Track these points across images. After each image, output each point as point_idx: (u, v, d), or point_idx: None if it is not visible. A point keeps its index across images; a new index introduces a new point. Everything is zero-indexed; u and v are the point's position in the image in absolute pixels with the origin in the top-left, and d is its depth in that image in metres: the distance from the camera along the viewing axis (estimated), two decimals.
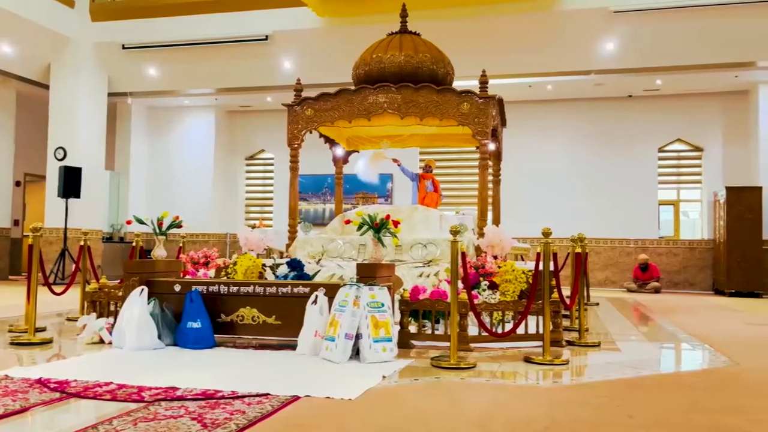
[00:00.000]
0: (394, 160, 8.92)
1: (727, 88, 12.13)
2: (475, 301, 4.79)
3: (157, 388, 3.18)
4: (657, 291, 11.67)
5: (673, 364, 5.00)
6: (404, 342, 4.58)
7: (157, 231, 5.03)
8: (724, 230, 11.34)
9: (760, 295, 11.04)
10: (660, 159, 12.89)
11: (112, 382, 3.32)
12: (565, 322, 5.89)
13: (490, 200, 7.99)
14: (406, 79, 6.93)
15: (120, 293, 4.95)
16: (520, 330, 4.70)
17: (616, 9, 10.13)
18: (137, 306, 4.46)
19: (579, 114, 13.09)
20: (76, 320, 5.40)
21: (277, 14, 11.51)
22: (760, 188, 11.23)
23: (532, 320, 4.83)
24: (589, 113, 13.04)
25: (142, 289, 4.56)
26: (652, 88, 12.24)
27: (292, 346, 4.37)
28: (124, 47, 12.46)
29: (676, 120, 12.67)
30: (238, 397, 3.03)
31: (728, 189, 11.35)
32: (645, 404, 3.18)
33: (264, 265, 6.16)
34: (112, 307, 5.15)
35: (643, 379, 3.83)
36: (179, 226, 5.14)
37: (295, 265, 5.20)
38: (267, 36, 11.65)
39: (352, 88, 7.09)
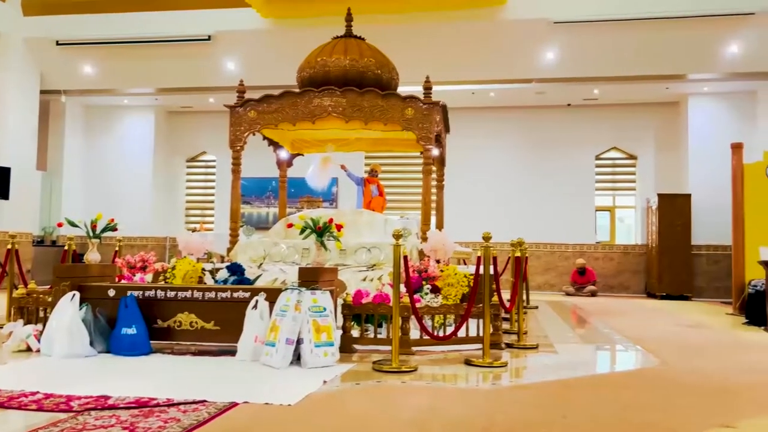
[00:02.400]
0: (342, 166, 8.91)
1: (659, 99, 12.66)
2: (418, 305, 4.81)
3: (87, 397, 3.06)
4: (594, 294, 12.04)
5: (607, 365, 5.16)
6: (346, 346, 4.56)
7: (91, 234, 4.85)
8: (656, 236, 11.81)
9: (689, 297, 11.53)
10: (597, 166, 13.32)
11: (38, 392, 3.17)
12: (506, 325, 5.99)
13: (433, 205, 8.07)
14: (350, 83, 6.93)
15: (49, 299, 4.75)
16: (462, 333, 4.76)
17: (556, 20, 10.42)
18: (68, 312, 4.28)
19: (520, 121, 13.40)
20: (2, 327, 5.15)
21: (221, 14, 11.32)
22: (689, 196, 11.75)
23: (473, 323, 4.89)
24: (530, 121, 13.36)
25: (74, 294, 4.39)
26: (590, 98, 12.64)
27: (232, 352, 4.29)
28: (58, 43, 12.00)
29: (612, 129, 13.13)
30: (173, 405, 2.95)
31: (660, 196, 11.82)
32: (579, 404, 3.26)
33: (204, 269, 6.02)
34: (41, 314, 4.93)
35: (578, 380, 3.93)
36: (114, 229, 4.96)
37: (236, 269, 5.10)
38: (210, 36, 11.45)
39: (297, 90, 7.04)
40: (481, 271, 4.52)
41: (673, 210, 11.65)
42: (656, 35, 10.45)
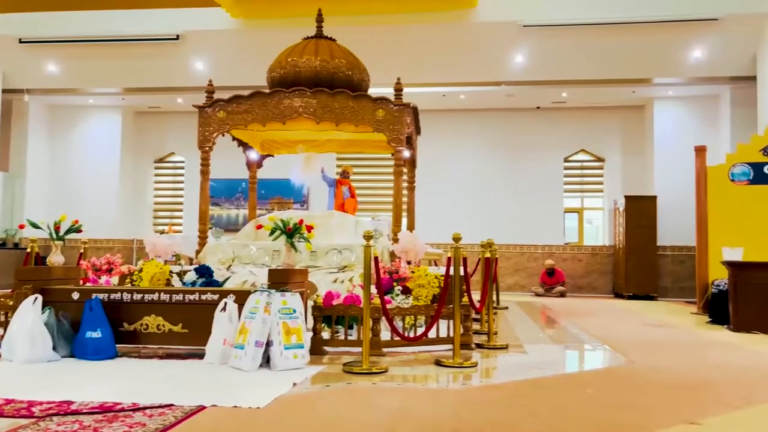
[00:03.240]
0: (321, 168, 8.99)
1: (625, 102, 12.89)
2: (389, 306, 4.80)
3: (49, 403, 2.98)
4: (562, 295, 12.19)
5: (576, 364, 5.21)
6: (317, 348, 4.53)
7: (54, 236, 4.73)
8: (623, 237, 12.01)
9: (655, 297, 11.76)
10: (565, 168, 13.50)
11: None
12: (476, 326, 6.03)
13: (405, 206, 8.08)
14: (321, 84, 6.91)
15: (11, 302, 4.61)
16: (432, 334, 4.77)
17: (525, 23, 10.53)
18: (30, 315, 4.16)
19: (490, 124, 13.51)
20: None
21: (189, 13, 11.18)
22: (654, 197, 11.98)
23: (444, 324, 4.90)
24: (500, 123, 13.48)
25: (36, 298, 4.27)
26: (558, 101, 12.81)
27: (200, 355, 4.23)
28: (21, 41, 11.72)
29: (580, 131, 13.32)
30: (138, 409, 2.89)
31: (627, 198, 12.03)
32: (548, 403, 3.29)
33: (171, 271, 5.93)
34: (2, 318, 4.79)
35: (547, 380, 3.96)
36: (78, 230, 4.85)
37: (204, 271, 5.03)
38: (178, 36, 11.30)
39: (267, 91, 6.99)
40: (452, 272, 4.53)
41: (640, 211, 11.86)
42: (623, 40, 10.64)
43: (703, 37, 10.52)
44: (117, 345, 4.36)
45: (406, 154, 7.79)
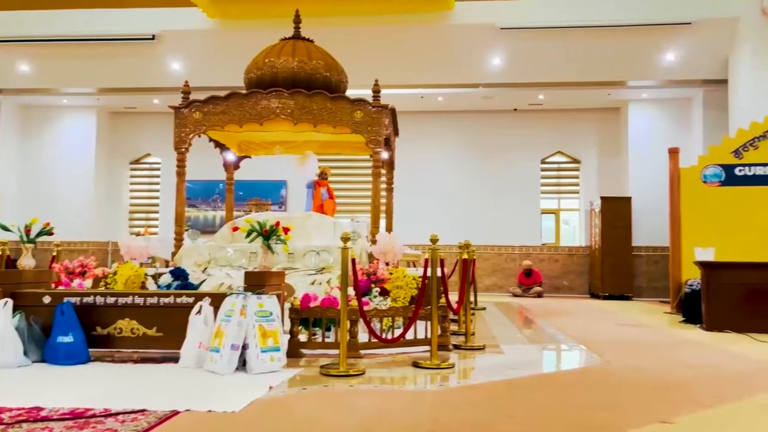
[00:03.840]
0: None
1: (601, 104, 13.05)
2: (366, 308, 4.80)
3: (18, 409, 2.92)
4: (540, 295, 12.28)
5: (553, 364, 5.26)
6: (294, 351, 4.51)
7: (25, 239, 4.64)
8: (599, 238, 12.14)
9: (630, 297, 11.91)
10: (542, 170, 13.62)
11: None
12: (454, 327, 6.04)
13: (383, 208, 8.08)
14: (299, 85, 6.88)
15: None
16: (410, 335, 4.77)
17: (502, 26, 10.61)
18: (0, 319, 4.08)
19: (468, 125, 13.58)
20: None
21: (165, 13, 11.07)
22: (629, 198, 12.14)
23: (421, 325, 4.91)
24: (477, 125, 13.55)
25: (6, 302, 4.18)
26: (535, 103, 12.92)
27: (175, 359, 4.17)
28: None
29: (556, 133, 13.45)
30: (110, 415, 2.84)
31: (602, 199, 12.17)
32: (524, 403, 3.31)
33: (146, 274, 5.85)
34: None
35: (524, 380, 3.99)
36: (50, 233, 4.77)
37: (179, 273, 4.97)
38: (154, 36, 11.17)
39: (244, 92, 6.94)
40: (429, 273, 4.54)
41: (615, 212, 12.00)
42: (598, 43, 10.77)
43: (676, 41, 10.69)
44: (90, 349, 4.28)
45: (385, 155, 7.79)
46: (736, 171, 8.74)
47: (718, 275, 6.83)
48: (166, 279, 4.98)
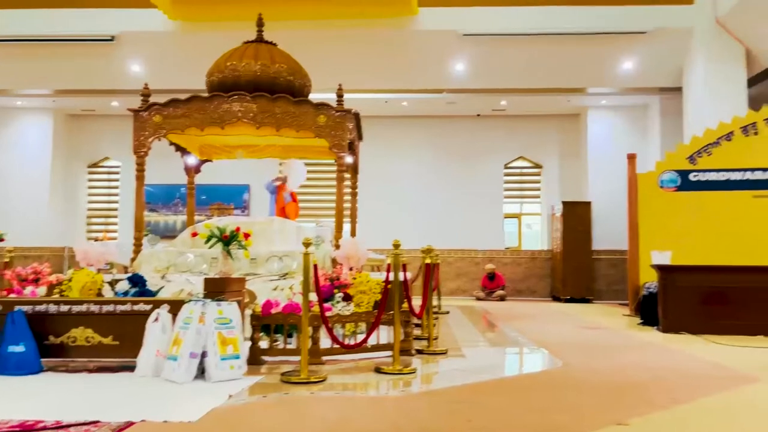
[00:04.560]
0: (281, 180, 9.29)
1: (562, 110, 13.28)
2: (329, 314, 4.77)
3: None
4: (503, 299, 12.41)
5: (514, 368, 5.31)
6: (255, 358, 4.46)
7: None
8: (561, 241, 12.34)
9: (590, 300, 12.12)
10: (505, 175, 13.78)
11: None
12: (417, 331, 6.06)
13: (347, 212, 8.06)
14: (261, 88, 6.81)
15: None
16: (373, 340, 4.76)
17: (465, 32, 10.70)
18: None
19: (432, 130, 13.66)
20: None
21: (125, 14, 10.84)
22: (589, 203, 12.37)
23: (385, 330, 4.90)
24: (441, 130, 13.65)
25: None
26: (498, 109, 13.08)
27: (132, 368, 4.08)
28: None
29: (519, 138, 13.63)
30: (62, 428, 2.76)
31: (563, 203, 12.37)
32: (485, 408, 3.33)
33: (103, 281, 5.71)
34: None
35: (486, 384, 4.02)
36: (0, 239, 4.61)
37: (137, 280, 4.87)
38: (113, 37, 10.93)
39: (205, 95, 6.85)
40: (392, 278, 4.54)
41: (575, 217, 12.22)
42: (558, 50, 10.95)
43: (634, 50, 10.94)
44: (43, 359, 4.16)
45: (349, 160, 7.77)
46: (691, 176, 8.99)
47: (673, 278, 7.00)
48: (123, 286, 4.87)
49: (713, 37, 10.21)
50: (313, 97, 7.23)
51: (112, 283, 5.35)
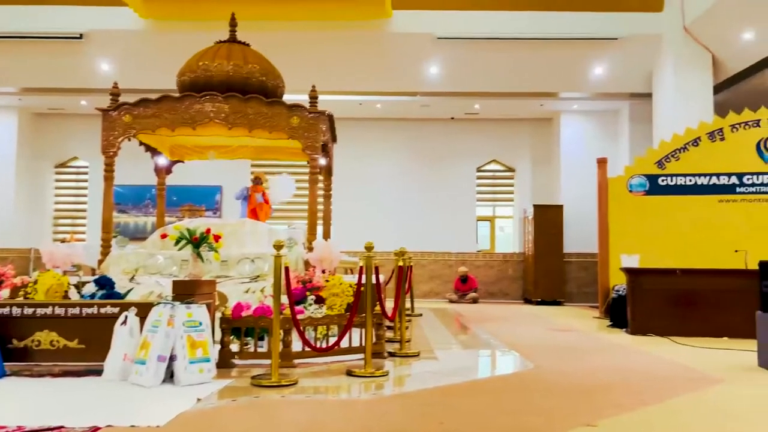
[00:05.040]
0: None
1: (535, 115, 13.42)
2: (301, 316, 4.74)
3: None
4: (475, 301, 12.47)
5: (485, 370, 5.33)
6: (225, 361, 4.40)
7: None
8: (532, 244, 12.45)
9: (561, 302, 12.25)
10: (478, 178, 13.88)
11: None
12: (390, 334, 6.05)
13: (320, 214, 8.02)
14: (234, 89, 6.76)
15: None
16: (345, 343, 4.74)
17: (439, 36, 10.75)
18: None
19: (406, 133, 13.69)
20: None
21: (95, 12, 10.65)
22: (561, 206, 12.51)
23: (357, 333, 4.89)
24: (415, 133, 13.69)
25: None
26: (471, 112, 13.17)
27: (99, 372, 4.00)
28: None
29: (492, 142, 13.74)
30: None
31: (535, 207, 12.50)
32: (456, 410, 3.33)
33: (69, 283, 5.59)
34: None
35: (457, 386, 4.02)
36: None
37: (104, 282, 4.78)
38: (81, 34, 10.73)
39: (176, 95, 6.77)
40: (364, 280, 4.53)
41: (547, 220, 12.34)
42: (532, 55, 11.07)
43: (605, 56, 11.11)
44: (5, 364, 4.05)
45: (322, 161, 7.75)
46: (660, 181, 9.15)
47: (642, 281, 7.11)
48: (90, 288, 4.77)
49: (681, 44, 10.42)
50: (287, 98, 7.19)
51: (79, 286, 5.24)
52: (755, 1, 8.88)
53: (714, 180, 8.99)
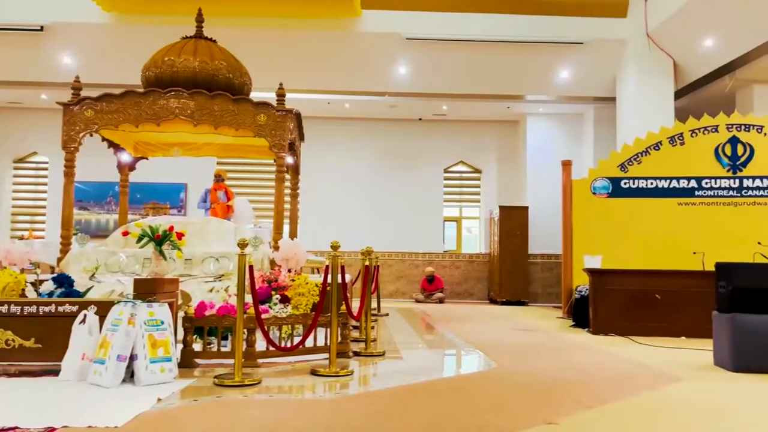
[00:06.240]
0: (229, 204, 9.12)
1: (501, 117, 13.57)
2: (266, 316, 4.70)
3: None
4: (441, 301, 12.55)
5: (449, 369, 5.36)
6: (187, 361, 4.34)
7: None
8: (498, 245, 12.59)
9: (526, 303, 12.41)
10: (445, 179, 13.97)
11: None
12: (355, 333, 6.05)
13: (287, 213, 7.97)
14: (200, 85, 6.67)
15: None
16: (310, 343, 4.72)
17: (408, 36, 10.79)
18: None
19: (375, 133, 13.71)
20: None
21: (56, 3, 10.40)
22: (526, 208, 12.67)
23: (322, 333, 4.87)
24: (384, 133, 13.71)
25: None
26: (439, 113, 13.25)
27: (56, 372, 3.90)
28: None
29: (459, 143, 13.85)
30: None
31: (501, 208, 12.63)
32: (419, 409, 3.35)
33: (27, 281, 5.44)
34: None
35: (421, 385, 4.04)
36: None
37: (63, 280, 4.66)
38: (42, 27, 10.46)
39: (141, 90, 6.64)
40: (330, 280, 4.51)
41: (513, 221, 12.49)
42: (499, 57, 11.19)
43: (571, 59, 11.29)
44: None
45: (289, 160, 7.69)
46: (622, 184, 9.33)
47: (603, 282, 7.24)
48: (48, 286, 4.65)
49: (644, 50, 10.66)
50: (254, 96, 7.12)
51: (36, 284, 5.11)
52: (715, 9, 9.14)
53: (674, 183, 9.21)
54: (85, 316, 3.92)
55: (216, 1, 9.32)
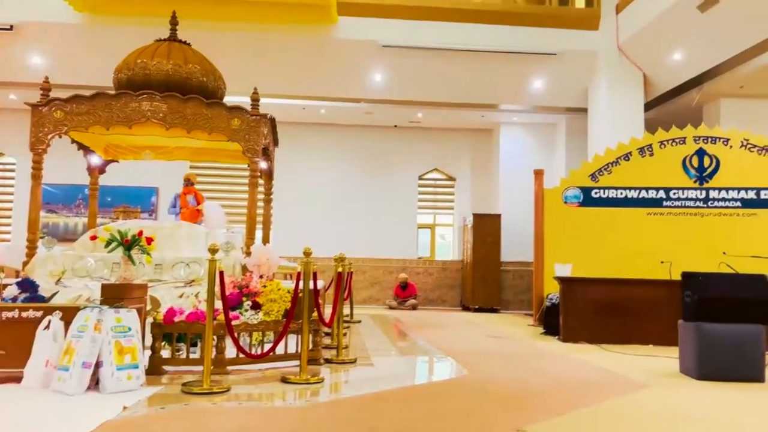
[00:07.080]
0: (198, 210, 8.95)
1: (475, 125, 13.68)
2: (236, 322, 4.66)
3: None
4: (414, 308, 12.56)
5: (421, 376, 5.36)
6: (156, 368, 4.28)
7: None
8: (471, 252, 12.65)
9: (498, 310, 12.49)
10: (420, 186, 14.02)
11: None
12: (327, 340, 6.02)
13: (260, 218, 7.91)
14: (173, 88, 6.61)
15: None
16: (281, 350, 4.68)
17: (384, 43, 10.82)
18: None
19: (350, 139, 13.70)
20: None
21: (27, 3, 10.20)
22: (499, 215, 12.77)
23: (294, 339, 4.84)
24: (359, 139, 13.72)
25: None
26: (414, 120, 13.30)
27: (18, 379, 3.81)
28: None
29: (434, 151, 13.92)
30: None
31: (475, 215, 12.71)
32: (389, 416, 3.34)
33: None
34: None
35: (392, 392, 4.04)
36: None
37: (27, 284, 4.56)
38: (12, 26, 10.24)
39: (112, 92, 6.56)
40: (302, 286, 4.49)
41: (486, 229, 12.57)
42: (473, 67, 11.28)
43: (544, 70, 11.44)
44: None
45: (263, 165, 7.66)
46: (593, 193, 9.46)
47: (573, 290, 7.33)
48: (11, 291, 4.55)
49: (615, 62, 10.85)
50: (228, 100, 7.08)
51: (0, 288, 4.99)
52: (684, 24, 9.35)
53: (643, 194, 9.37)
54: (49, 321, 3.84)
55: (191, 5, 9.25)
